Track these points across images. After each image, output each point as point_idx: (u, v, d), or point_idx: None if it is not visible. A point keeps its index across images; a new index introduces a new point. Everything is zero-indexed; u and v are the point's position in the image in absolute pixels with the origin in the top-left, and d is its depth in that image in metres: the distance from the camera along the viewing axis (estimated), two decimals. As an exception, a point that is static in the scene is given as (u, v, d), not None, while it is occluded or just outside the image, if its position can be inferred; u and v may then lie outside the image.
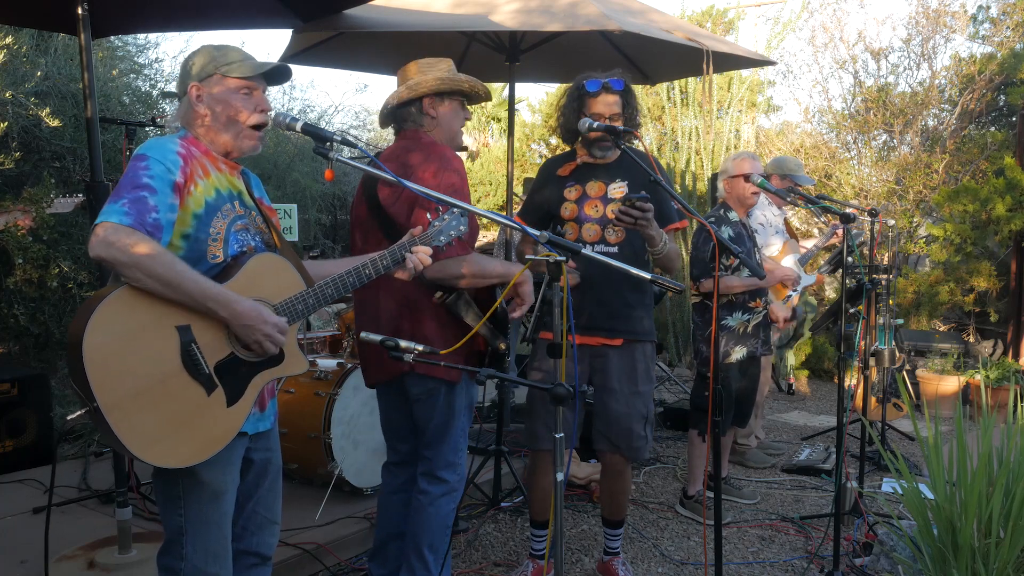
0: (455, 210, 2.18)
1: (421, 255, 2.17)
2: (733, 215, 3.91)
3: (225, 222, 1.96)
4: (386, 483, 2.88)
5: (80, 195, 3.41)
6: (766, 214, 4.79)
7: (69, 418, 1.89)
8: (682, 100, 7.68)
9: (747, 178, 3.79)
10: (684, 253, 7.10)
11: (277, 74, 2.08)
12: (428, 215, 2.24)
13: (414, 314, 2.59)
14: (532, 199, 3.23)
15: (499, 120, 15.93)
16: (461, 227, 2.23)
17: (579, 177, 3.09)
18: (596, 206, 3.03)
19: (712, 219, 3.89)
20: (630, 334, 3.04)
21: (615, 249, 3.00)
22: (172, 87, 5.92)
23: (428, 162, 2.54)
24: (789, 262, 4.73)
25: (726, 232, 3.80)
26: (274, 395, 2.18)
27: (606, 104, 2.95)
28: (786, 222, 4.99)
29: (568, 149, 3.20)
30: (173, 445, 1.80)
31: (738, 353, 3.87)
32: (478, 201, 13.93)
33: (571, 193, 3.08)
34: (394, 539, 2.81)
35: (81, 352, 1.67)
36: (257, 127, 2.04)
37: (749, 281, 3.78)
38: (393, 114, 2.70)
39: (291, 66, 2.10)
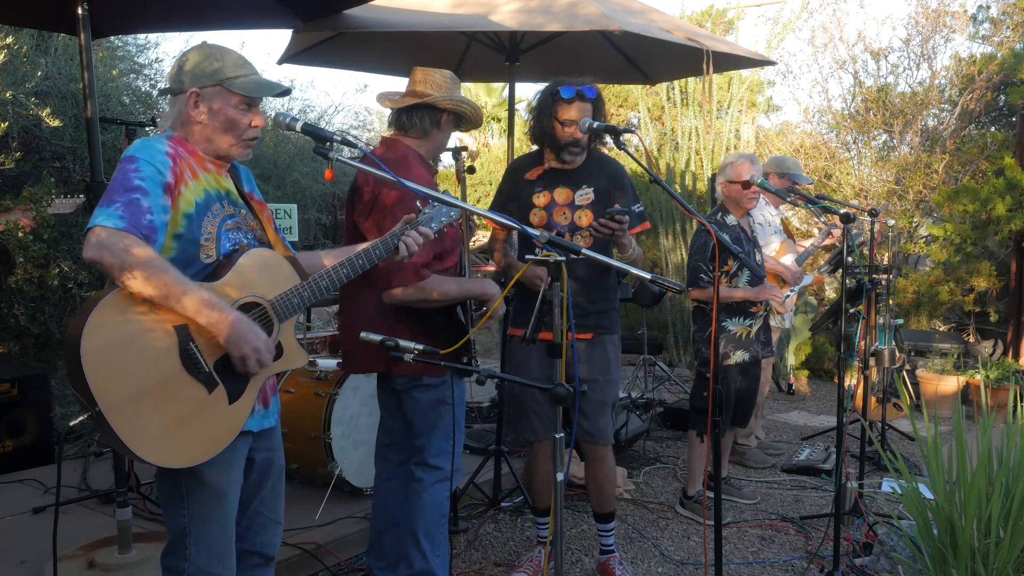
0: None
1: (411, 241, 2.18)
2: (731, 219, 3.90)
3: (216, 222, 1.95)
4: (379, 471, 2.92)
5: (81, 196, 3.41)
6: (764, 214, 4.79)
7: (72, 423, 1.89)
8: (682, 100, 7.68)
9: (745, 185, 3.78)
10: (684, 254, 7.11)
11: (277, 93, 2.07)
12: (418, 202, 2.27)
13: (392, 320, 2.62)
14: (501, 202, 3.24)
15: (499, 120, 15.94)
16: (452, 213, 2.26)
17: (547, 183, 3.13)
18: (564, 213, 3.10)
19: (711, 224, 3.88)
20: (599, 328, 3.14)
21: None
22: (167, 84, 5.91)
23: (401, 173, 2.56)
24: (787, 261, 4.72)
25: (724, 237, 3.79)
26: (276, 392, 2.18)
27: (579, 111, 2.97)
28: (783, 222, 4.99)
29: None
30: (178, 445, 1.80)
31: (738, 357, 3.86)
32: (478, 201, 13.93)
33: (540, 199, 3.12)
34: (389, 529, 2.84)
35: (79, 357, 1.66)
36: (252, 138, 2.03)
37: (746, 292, 3.79)
38: (407, 110, 2.72)
39: (291, 66, 2.09)
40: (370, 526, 2.92)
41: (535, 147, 3.22)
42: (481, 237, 13.31)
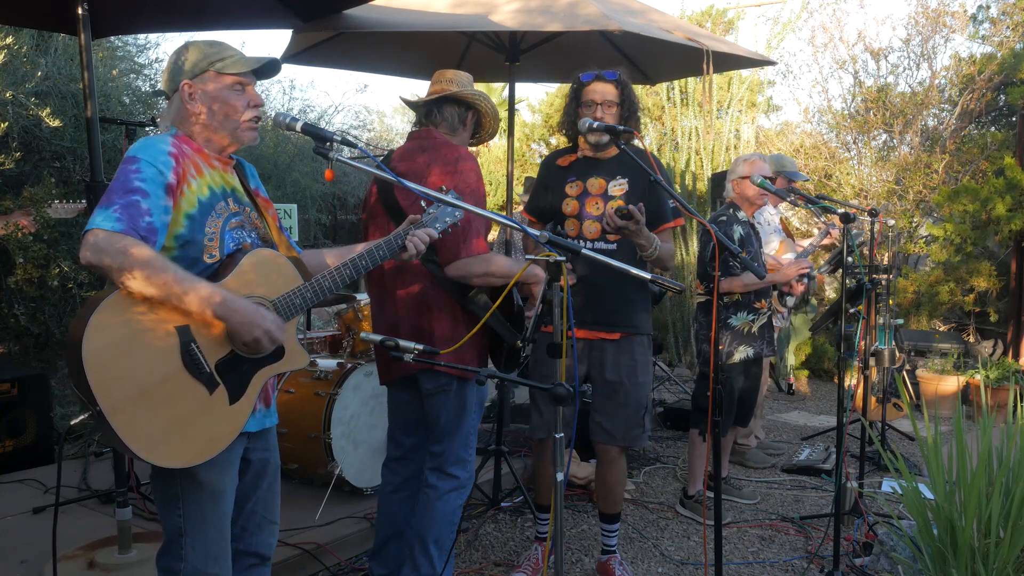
0: (449, 198, 2.21)
1: (418, 240, 2.18)
2: (742, 215, 3.91)
3: (220, 221, 1.95)
4: (386, 482, 2.89)
5: (82, 201, 3.40)
6: (764, 214, 4.79)
7: (73, 422, 1.89)
8: (682, 100, 7.68)
9: (750, 179, 3.79)
10: (687, 253, 7.11)
11: (268, 69, 2.07)
12: (423, 202, 2.27)
13: (430, 312, 2.64)
14: (536, 194, 3.27)
15: (499, 120, 16.00)
16: (457, 213, 2.26)
17: (580, 172, 3.12)
18: (597, 204, 3.06)
19: (723, 218, 3.89)
20: (627, 328, 3.08)
21: (614, 246, 3.04)
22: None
23: (446, 161, 2.61)
24: (787, 261, 4.73)
25: (738, 232, 3.81)
26: (275, 391, 2.18)
27: (599, 92, 3.00)
28: (783, 221, 4.99)
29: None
30: (178, 445, 1.80)
31: (741, 353, 3.87)
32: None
33: (573, 189, 3.11)
34: (395, 539, 2.83)
35: (81, 357, 1.66)
36: (253, 119, 2.03)
37: (750, 279, 3.78)
38: (436, 103, 2.76)
39: (291, 66, 2.09)
40: (376, 532, 2.92)
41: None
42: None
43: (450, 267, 2.55)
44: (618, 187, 3.05)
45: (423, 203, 2.31)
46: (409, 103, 2.87)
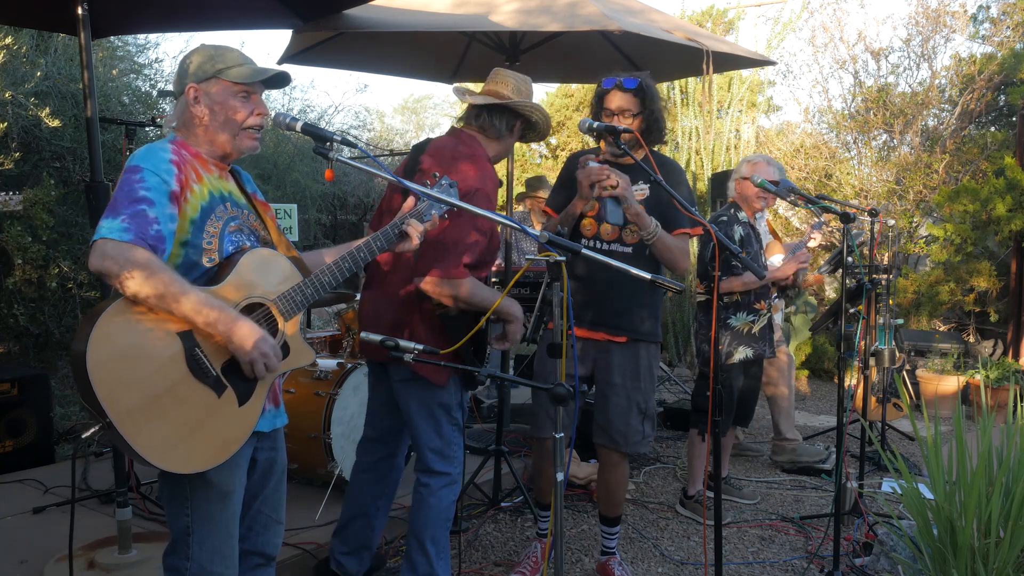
0: (443, 183, 2.21)
1: (412, 231, 2.18)
2: (743, 215, 3.91)
3: (219, 224, 1.95)
4: (359, 461, 2.93)
5: (16, 193, 3.40)
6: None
7: (84, 435, 1.88)
8: (682, 100, 7.68)
9: (750, 180, 3.79)
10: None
11: (277, 80, 2.07)
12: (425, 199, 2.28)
13: (410, 317, 2.65)
14: (558, 191, 3.26)
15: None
16: (449, 200, 2.27)
17: None
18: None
19: (723, 218, 3.89)
20: (635, 333, 3.07)
21: (630, 249, 3.03)
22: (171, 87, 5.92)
23: (475, 168, 2.63)
24: (776, 261, 4.72)
25: (739, 232, 3.81)
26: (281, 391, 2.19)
27: (617, 101, 2.99)
28: (768, 223, 4.99)
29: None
30: (191, 450, 1.80)
31: (741, 354, 3.86)
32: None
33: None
34: (359, 518, 2.88)
35: (86, 369, 1.66)
36: (254, 128, 2.03)
37: (749, 279, 3.78)
38: (485, 109, 2.75)
39: (291, 66, 2.09)
40: (342, 509, 2.95)
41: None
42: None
43: (419, 281, 2.55)
44: (639, 192, 3.03)
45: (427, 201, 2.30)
46: (464, 98, 2.82)
